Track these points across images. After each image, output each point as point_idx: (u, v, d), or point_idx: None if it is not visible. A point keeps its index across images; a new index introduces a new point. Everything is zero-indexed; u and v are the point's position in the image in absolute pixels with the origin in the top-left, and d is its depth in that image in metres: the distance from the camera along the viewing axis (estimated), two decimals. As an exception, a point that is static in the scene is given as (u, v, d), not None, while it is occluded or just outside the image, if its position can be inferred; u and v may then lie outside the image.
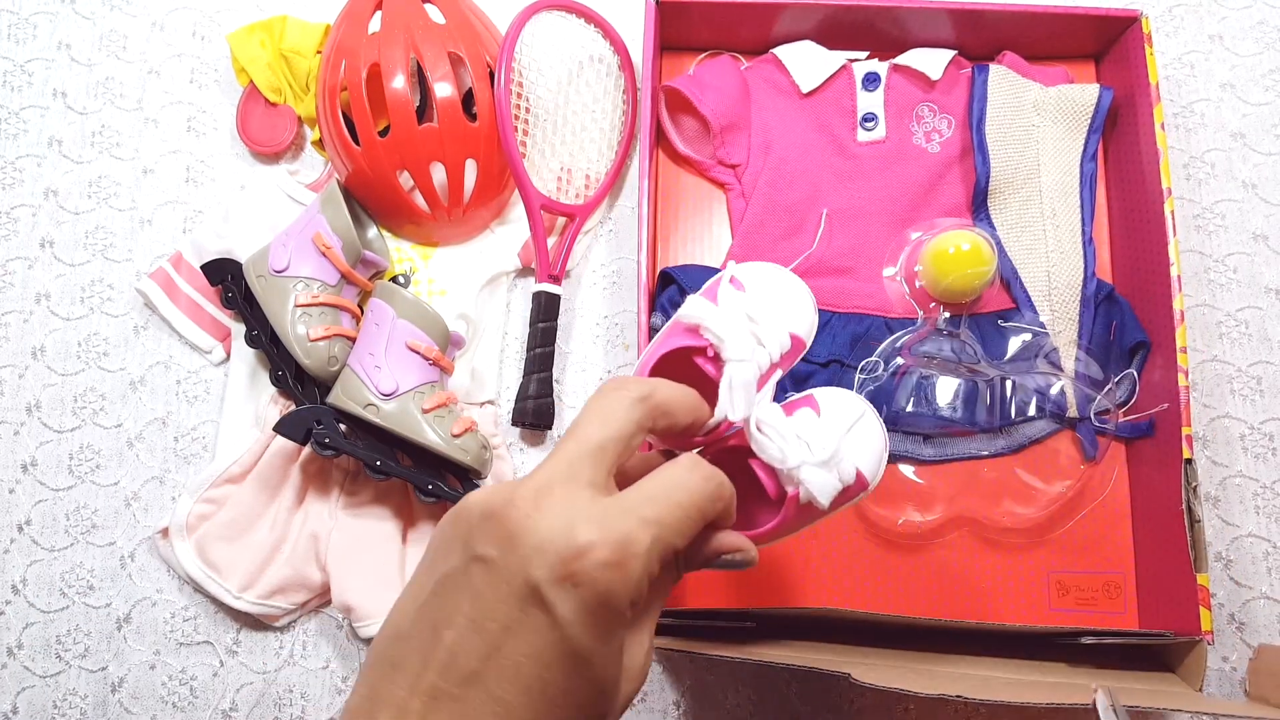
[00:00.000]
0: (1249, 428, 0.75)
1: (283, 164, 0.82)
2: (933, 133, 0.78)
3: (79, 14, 0.85)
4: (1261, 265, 0.79)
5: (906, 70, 0.78)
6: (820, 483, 0.46)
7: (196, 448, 0.77)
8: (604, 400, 0.36)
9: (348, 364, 0.71)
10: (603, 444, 0.35)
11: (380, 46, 0.73)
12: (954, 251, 0.71)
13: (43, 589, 0.74)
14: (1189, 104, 0.82)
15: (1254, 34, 0.84)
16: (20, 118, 0.83)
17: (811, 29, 0.78)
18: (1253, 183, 0.80)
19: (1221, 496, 0.74)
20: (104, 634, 0.73)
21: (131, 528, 0.75)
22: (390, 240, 0.79)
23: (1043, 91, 0.76)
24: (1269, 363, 0.76)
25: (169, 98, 0.83)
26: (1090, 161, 0.76)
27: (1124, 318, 0.73)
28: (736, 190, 0.78)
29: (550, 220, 0.79)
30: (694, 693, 0.71)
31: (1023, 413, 0.71)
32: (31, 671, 0.73)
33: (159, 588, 0.74)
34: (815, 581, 0.71)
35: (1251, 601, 0.72)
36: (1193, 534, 0.64)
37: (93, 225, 0.81)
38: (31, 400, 0.77)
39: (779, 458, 0.45)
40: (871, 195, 0.77)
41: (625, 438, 0.35)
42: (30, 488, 0.76)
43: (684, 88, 0.76)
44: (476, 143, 0.74)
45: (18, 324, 0.79)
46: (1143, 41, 0.73)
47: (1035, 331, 0.73)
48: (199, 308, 0.78)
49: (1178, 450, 0.66)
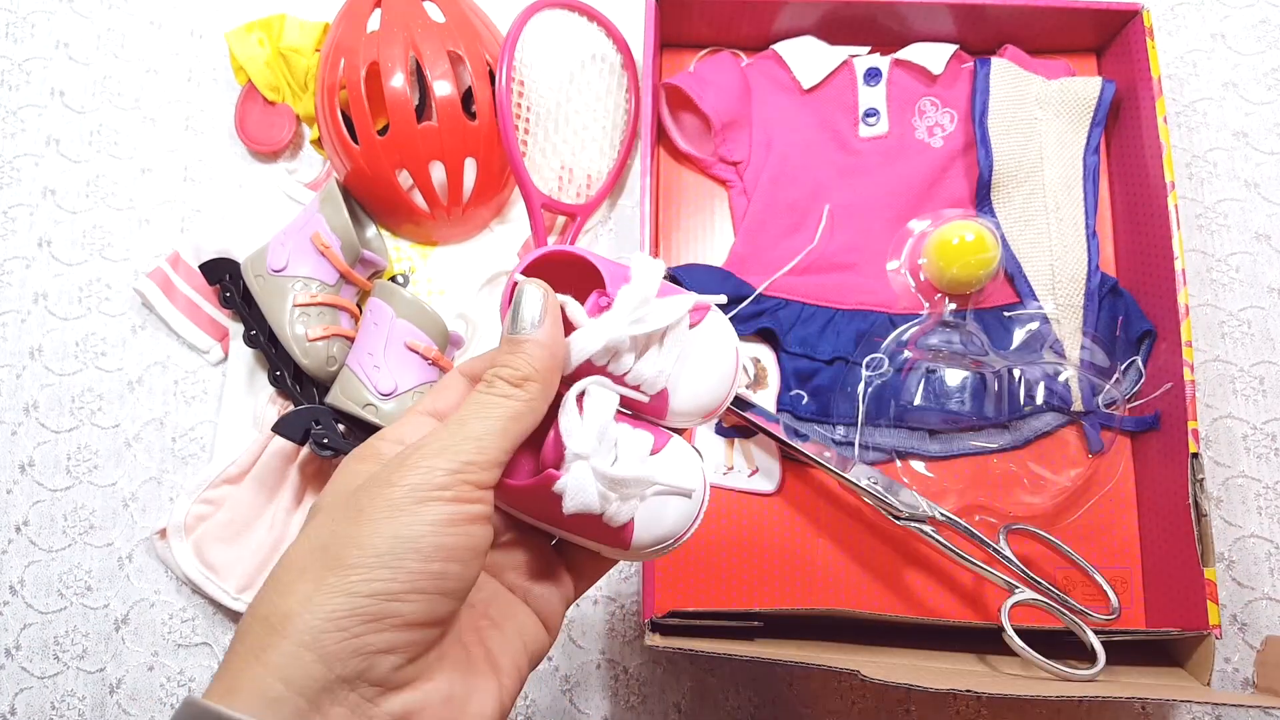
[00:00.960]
0: (1251, 428, 0.75)
1: (281, 163, 0.82)
2: (935, 127, 0.78)
3: (77, 12, 0.85)
4: (1264, 265, 0.78)
5: (908, 65, 0.78)
6: (579, 486, 0.37)
7: (194, 448, 0.76)
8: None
9: (346, 364, 0.71)
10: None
11: (379, 45, 0.73)
12: (958, 242, 0.71)
13: (40, 590, 0.74)
14: (1191, 102, 0.82)
15: (1256, 32, 0.84)
16: (18, 116, 0.83)
17: (812, 24, 0.78)
18: (1255, 182, 0.80)
19: (1224, 497, 0.74)
20: (102, 635, 0.73)
21: (129, 528, 0.75)
22: (389, 239, 0.79)
23: (1045, 85, 0.76)
24: (1271, 363, 0.76)
25: (167, 96, 0.83)
26: (1093, 155, 0.76)
27: (1129, 310, 0.73)
28: (738, 188, 0.78)
29: (551, 219, 0.79)
30: (694, 694, 0.71)
31: (1030, 403, 0.71)
32: (29, 672, 0.72)
33: (157, 589, 0.74)
34: (822, 582, 0.71)
35: (1254, 602, 0.72)
36: (1199, 528, 0.64)
37: (90, 224, 0.80)
38: (29, 400, 0.77)
39: (566, 431, 0.38)
40: (874, 191, 0.77)
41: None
42: (28, 488, 0.75)
43: (685, 85, 0.76)
44: (476, 141, 0.74)
45: (15, 324, 0.78)
46: (1144, 35, 0.73)
47: (1041, 320, 0.73)
48: (197, 307, 0.77)
49: (1183, 444, 0.66)
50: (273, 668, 0.28)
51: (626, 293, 0.38)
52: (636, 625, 0.72)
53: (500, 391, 0.35)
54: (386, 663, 0.30)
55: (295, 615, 0.29)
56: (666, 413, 0.41)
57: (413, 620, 0.31)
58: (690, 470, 0.40)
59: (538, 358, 0.36)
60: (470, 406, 0.35)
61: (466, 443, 0.33)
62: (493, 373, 0.36)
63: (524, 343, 0.36)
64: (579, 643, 0.72)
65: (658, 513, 0.39)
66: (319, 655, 0.29)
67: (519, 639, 0.39)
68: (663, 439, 0.40)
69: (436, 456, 0.33)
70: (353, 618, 0.29)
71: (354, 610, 0.29)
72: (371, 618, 0.30)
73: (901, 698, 0.70)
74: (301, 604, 0.29)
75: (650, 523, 0.39)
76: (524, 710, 0.71)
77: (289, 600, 0.30)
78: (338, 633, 0.29)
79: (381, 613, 0.30)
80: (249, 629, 0.30)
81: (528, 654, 0.39)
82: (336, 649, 0.29)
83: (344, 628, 0.29)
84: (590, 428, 0.37)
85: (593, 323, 0.38)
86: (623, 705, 0.71)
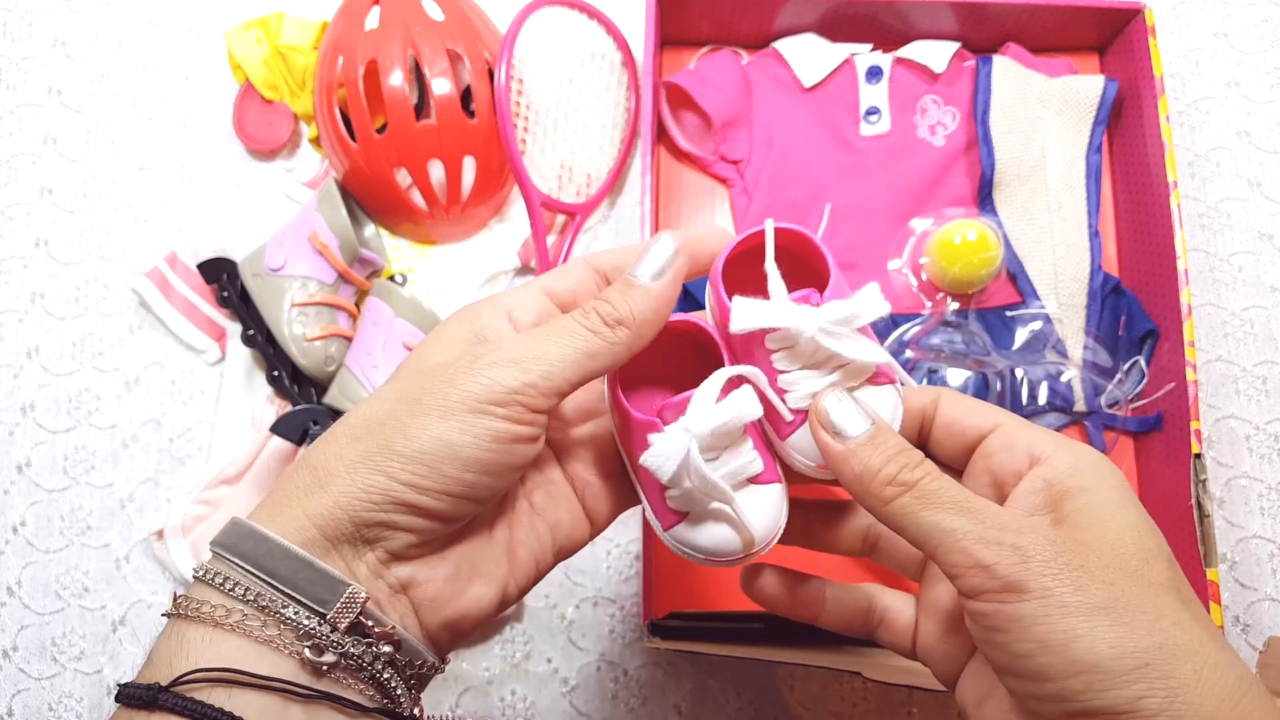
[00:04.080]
0: (1254, 428, 0.75)
1: (279, 162, 0.81)
2: (937, 126, 0.77)
3: (74, 10, 0.85)
4: (1267, 264, 0.78)
5: (910, 63, 0.77)
6: (665, 453, 0.35)
7: (191, 448, 0.76)
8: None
9: (345, 364, 0.70)
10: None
11: (378, 43, 0.72)
12: (960, 241, 0.71)
13: (38, 591, 0.73)
14: (1193, 101, 0.82)
15: (1258, 31, 0.83)
16: (15, 115, 0.82)
17: (813, 22, 0.78)
18: (1258, 181, 0.80)
19: (1226, 498, 0.74)
20: (99, 636, 0.72)
21: (126, 529, 0.74)
22: (388, 238, 0.79)
23: (1047, 83, 0.76)
24: (1274, 363, 0.76)
25: (165, 95, 0.83)
26: (1095, 153, 0.76)
27: (1131, 309, 0.72)
28: (739, 186, 0.77)
29: (550, 218, 0.78)
30: (695, 696, 0.70)
31: (1033, 403, 0.71)
32: (26, 674, 0.72)
33: (154, 590, 0.73)
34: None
35: (1257, 603, 0.71)
36: (1202, 529, 0.64)
37: (88, 224, 0.80)
38: (26, 400, 0.77)
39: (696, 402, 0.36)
40: (875, 189, 0.76)
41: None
42: (25, 489, 0.75)
43: (685, 83, 0.76)
44: (475, 140, 0.74)
45: (12, 323, 0.78)
46: (1146, 33, 0.73)
47: (1043, 320, 0.72)
48: (194, 307, 0.77)
49: (1186, 445, 0.66)
50: (311, 513, 0.33)
51: (838, 304, 0.37)
52: (636, 627, 0.72)
53: (591, 325, 0.35)
54: (401, 538, 0.34)
55: (338, 476, 0.33)
56: (787, 438, 0.39)
57: (434, 514, 0.34)
58: (768, 525, 0.38)
59: (641, 307, 0.36)
60: (556, 327, 0.36)
61: (538, 364, 0.34)
62: (593, 304, 0.36)
63: (635, 288, 0.36)
64: (579, 645, 0.72)
65: (711, 529, 0.38)
66: (349, 515, 0.33)
67: (549, 534, 0.40)
68: (771, 477, 0.39)
69: (503, 368, 0.34)
70: (383, 495, 0.33)
71: (385, 490, 0.33)
72: (398, 501, 0.33)
73: (903, 699, 0.70)
74: (347, 469, 0.33)
75: (697, 531, 0.38)
76: (524, 712, 0.71)
77: (338, 462, 0.34)
78: (368, 503, 0.33)
79: (408, 500, 0.33)
80: (299, 472, 0.34)
81: (555, 547, 0.40)
82: (363, 516, 0.33)
83: (375, 502, 0.33)
84: (718, 416, 0.35)
85: (791, 304, 0.36)
86: (623, 707, 0.71)
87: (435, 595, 0.35)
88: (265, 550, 0.32)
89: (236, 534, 0.33)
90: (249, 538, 0.33)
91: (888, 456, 0.34)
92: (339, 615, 0.32)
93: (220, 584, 0.32)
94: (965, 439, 0.38)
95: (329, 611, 0.32)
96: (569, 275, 0.40)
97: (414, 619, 0.35)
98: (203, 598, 0.32)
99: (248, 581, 0.32)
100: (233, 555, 0.33)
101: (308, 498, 0.33)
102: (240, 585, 0.32)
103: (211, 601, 0.32)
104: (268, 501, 0.35)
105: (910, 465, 0.34)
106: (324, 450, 0.35)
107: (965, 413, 0.38)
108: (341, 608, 0.32)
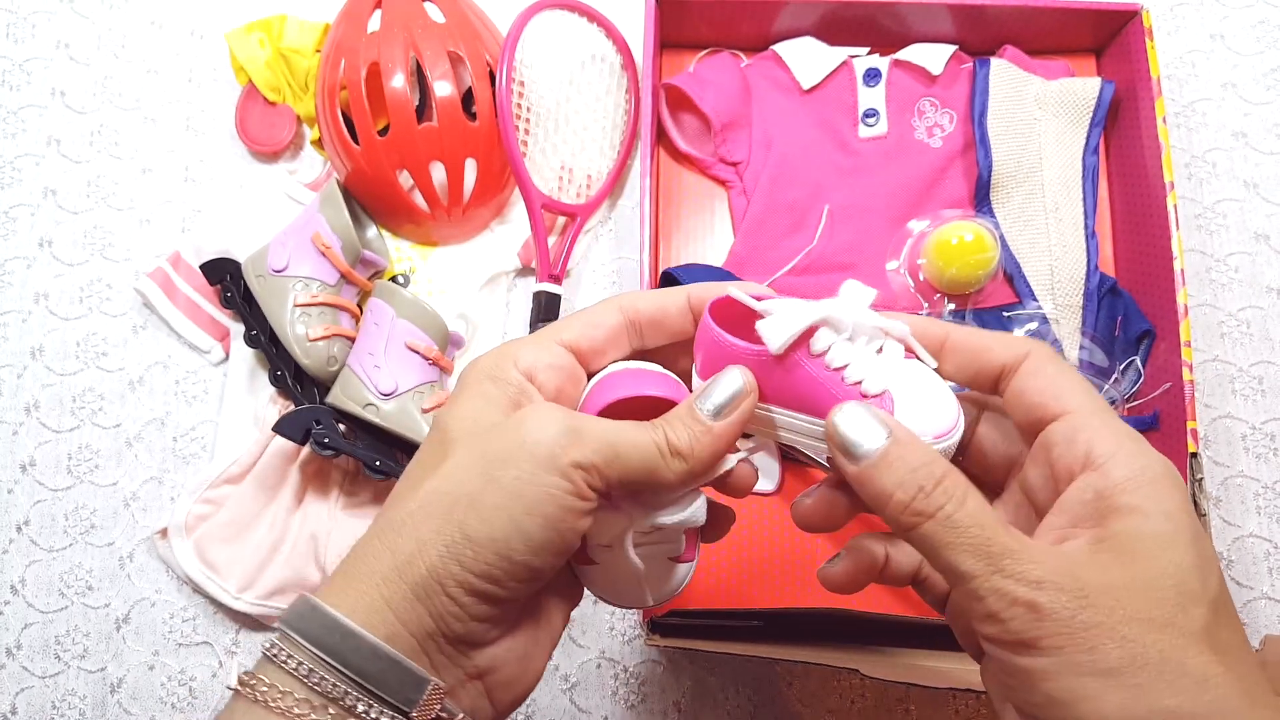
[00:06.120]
0: (1250, 428, 0.75)
1: (282, 163, 0.82)
2: (934, 128, 0.78)
3: (78, 13, 0.85)
4: (1263, 265, 0.78)
5: (907, 65, 0.78)
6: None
7: (195, 448, 0.76)
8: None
9: (347, 364, 0.71)
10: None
11: (380, 45, 0.73)
12: (957, 242, 0.71)
13: (41, 589, 0.74)
14: (1190, 103, 0.82)
15: (1255, 33, 0.84)
16: (19, 117, 0.83)
17: (812, 25, 0.78)
18: (1254, 182, 0.80)
19: (1223, 497, 0.74)
20: (103, 634, 0.73)
21: (130, 528, 0.75)
22: (389, 240, 0.79)
23: (1044, 85, 0.76)
24: (1270, 363, 0.76)
25: (168, 97, 0.83)
26: (1092, 155, 0.76)
27: (1128, 310, 0.73)
28: (738, 188, 0.78)
29: (551, 219, 0.79)
30: (695, 693, 0.71)
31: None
32: (30, 672, 0.72)
33: (158, 588, 0.74)
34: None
35: (1253, 602, 0.72)
36: (1198, 530, 0.64)
37: (91, 225, 0.81)
38: (30, 400, 0.77)
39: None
40: (873, 191, 0.77)
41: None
42: (29, 488, 0.76)
43: (684, 85, 0.76)
44: (476, 142, 0.74)
45: (16, 324, 0.79)
46: (1143, 35, 0.73)
47: (1040, 321, 0.73)
48: (197, 307, 0.77)
49: (1183, 444, 0.66)
50: (393, 604, 0.32)
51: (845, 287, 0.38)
52: (636, 624, 0.72)
53: (661, 445, 0.35)
54: (480, 628, 0.34)
55: (414, 563, 0.33)
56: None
57: (505, 599, 0.34)
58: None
59: (702, 445, 0.35)
60: (634, 431, 0.35)
61: (607, 449, 0.34)
62: (665, 424, 0.36)
63: (698, 425, 0.36)
64: (579, 642, 0.72)
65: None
66: (429, 611, 0.33)
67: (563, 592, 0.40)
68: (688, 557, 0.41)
69: (571, 445, 0.33)
70: (460, 588, 0.33)
71: (461, 582, 0.33)
72: (474, 591, 0.33)
73: (901, 696, 0.70)
74: (420, 550, 0.33)
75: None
76: (524, 710, 0.71)
77: (411, 543, 0.33)
78: (447, 599, 0.33)
79: (482, 590, 0.33)
80: (376, 551, 0.34)
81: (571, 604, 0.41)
82: (443, 612, 0.33)
83: (453, 596, 0.33)
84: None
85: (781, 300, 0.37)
86: (623, 704, 0.71)
87: (510, 678, 0.36)
88: (352, 647, 0.32)
89: (319, 623, 0.32)
90: (333, 631, 0.32)
91: (900, 480, 0.32)
92: (422, 713, 0.32)
93: (295, 669, 0.32)
94: (1032, 417, 0.35)
95: (413, 711, 0.32)
96: (597, 329, 0.39)
97: (486, 701, 0.35)
98: (272, 680, 0.32)
99: (323, 670, 0.32)
100: (312, 645, 0.32)
101: (386, 586, 0.33)
102: (315, 673, 0.32)
103: (280, 687, 0.32)
104: (341, 580, 0.34)
105: (927, 489, 0.32)
106: (399, 526, 0.34)
107: (1042, 387, 0.35)
108: (424, 706, 0.32)
